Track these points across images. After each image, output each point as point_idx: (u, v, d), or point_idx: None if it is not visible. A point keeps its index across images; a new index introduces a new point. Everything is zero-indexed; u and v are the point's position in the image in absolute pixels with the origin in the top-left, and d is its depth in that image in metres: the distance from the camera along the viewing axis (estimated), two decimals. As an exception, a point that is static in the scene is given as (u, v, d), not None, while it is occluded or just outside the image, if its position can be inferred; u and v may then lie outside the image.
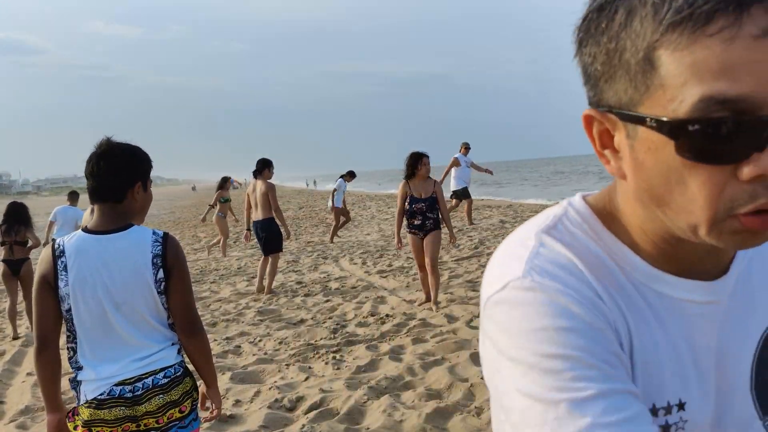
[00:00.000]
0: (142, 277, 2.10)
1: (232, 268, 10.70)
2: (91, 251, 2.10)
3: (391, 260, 9.95)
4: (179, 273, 2.17)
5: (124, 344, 2.13)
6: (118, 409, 2.07)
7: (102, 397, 2.07)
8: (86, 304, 2.09)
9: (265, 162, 8.20)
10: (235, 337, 6.08)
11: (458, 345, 5.18)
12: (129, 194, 2.16)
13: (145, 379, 2.10)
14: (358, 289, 7.89)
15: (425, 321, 6.09)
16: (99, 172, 2.13)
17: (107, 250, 2.11)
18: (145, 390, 2.10)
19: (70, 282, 2.08)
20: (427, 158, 6.54)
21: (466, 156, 14.07)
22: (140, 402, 2.09)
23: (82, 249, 2.10)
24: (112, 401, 2.07)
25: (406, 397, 4.18)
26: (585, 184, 37.18)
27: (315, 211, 23.65)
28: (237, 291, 8.56)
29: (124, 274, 2.10)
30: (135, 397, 2.09)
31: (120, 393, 2.08)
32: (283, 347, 5.61)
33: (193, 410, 2.23)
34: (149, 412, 2.10)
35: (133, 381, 2.10)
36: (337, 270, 9.59)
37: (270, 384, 4.64)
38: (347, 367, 4.90)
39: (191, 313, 2.20)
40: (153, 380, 2.11)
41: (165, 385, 2.13)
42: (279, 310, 7.16)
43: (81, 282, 2.08)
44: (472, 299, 6.75)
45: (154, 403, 2.10)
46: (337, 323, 6.28)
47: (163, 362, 2.15)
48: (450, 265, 9.02)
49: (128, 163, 2.15)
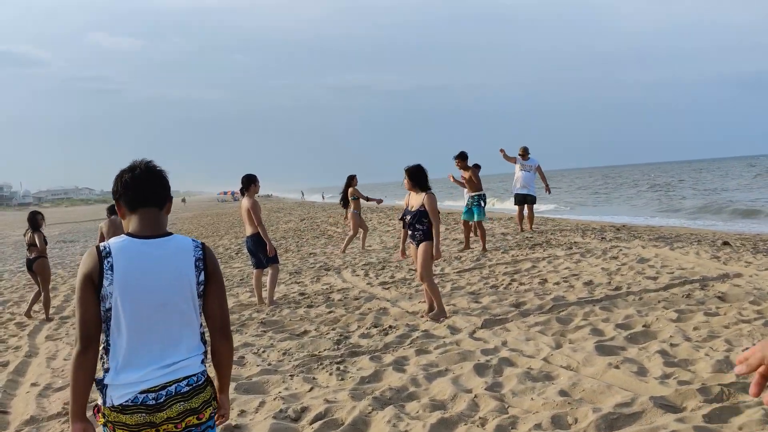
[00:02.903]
0: (186, 278, 2.23)
1: (235, 279, 10.72)
2: (138, 253, 2.20)
3: (393, 272, 9.98)
4: (218, 277, 2.32)
5: (156, 348, 2.20)
6: (139, 416, 2.15)
7: (126, 404, 2.14)
8: (129, 303, 2.17)
9: (249, 178, 8.22)
10: (238, 348, 6.09)
11: (461, 356, 5.20)
12: (167, 205, 2.34)
13: (168, 387, 2.17)
14: (361, 301, 7.91)
15: (428, 332, 6.11)
16: (148, 179, 2.28)
17: (153, 253, 2.22)
18: (167, 397, 2.16)
19: (115, 281, 2.15)
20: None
21: (525, 160, 13.95)
22: (162, 409, 2.15)
23: (129, 250, 2.20)
24: (135, 408, 2.15)
25: (410, 408, 4.20)
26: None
27: (316, 223, 23.67)
28: (240, 302, 8.58)
29: (169, 275, 2.21)
30: (158, 404, 2.15)
31: (143, 400, 2.15)
32: (287, 358, 5.62)
33: (211, 418, 2.29)
34: (169, 418, 2.16)
35: (158, 389, 2.16)
36: (339, 281, 9.60)
37: (274, 395, 4.65)
38: (351, 378, 4.91)
39: (227, 316, 2.37)
40: (176, 388, 2.18)
41: (187, 393, 2.20)
42: (282, 321, 7.17)
43: (126, 281, 2.16)
44: (475, 311, 6.77)
45: (175, 410, 2.17)
46: (340, 334, 6.30)
47: (187, 371, 2.22)
48: (452, 277, 9.05)
49: (167, 179, 2.35)
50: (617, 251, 10.23)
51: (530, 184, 13.98)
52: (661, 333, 5.42)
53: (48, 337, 7.36)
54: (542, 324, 6.01)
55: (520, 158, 14.02)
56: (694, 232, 14.39)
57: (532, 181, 14.01)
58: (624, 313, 6.17)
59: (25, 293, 10.98)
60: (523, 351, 5.24)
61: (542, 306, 6.71)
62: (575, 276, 8.33)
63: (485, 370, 4.80)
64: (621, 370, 4.52)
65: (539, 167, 14.12)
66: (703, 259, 9.05)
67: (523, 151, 14.09)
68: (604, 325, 5.79)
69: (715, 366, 4.44)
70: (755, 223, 18.32)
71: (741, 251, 9.83)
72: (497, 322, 6.22)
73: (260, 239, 8.12)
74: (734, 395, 3.94)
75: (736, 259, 8.85)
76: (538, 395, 4.21)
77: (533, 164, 14.01)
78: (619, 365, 4.61)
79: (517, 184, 14.04)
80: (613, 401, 3.97)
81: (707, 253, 9.61)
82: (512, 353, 5.18)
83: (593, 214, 24.51)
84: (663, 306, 6.31)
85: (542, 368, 4.76)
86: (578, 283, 7.79)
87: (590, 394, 4.14)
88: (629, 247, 10.70)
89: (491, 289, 7.98)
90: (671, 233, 13.50)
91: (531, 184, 13.99)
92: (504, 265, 9.68)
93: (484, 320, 6.26)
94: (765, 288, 6.78)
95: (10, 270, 15.33)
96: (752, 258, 8.88)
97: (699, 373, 4.38)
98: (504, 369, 4.81)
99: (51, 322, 8.37)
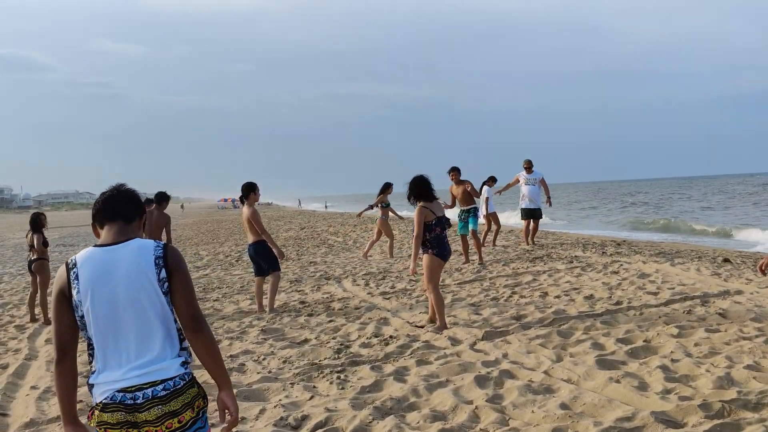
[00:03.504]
0: (145, 276, 2.30)
1: (235, 287, 10.72)
2: (99, 259, 2.33)
3: (394, 282, 9.98)
4: (181, 274, 2.36)
5: (130, 349, 2.29)
6: (119, 414, 2.24)
7: (106, 402, 2.26)
8: (96, 307, 2.28)
9: (249, 186, 8.22)
10: (239, 355, 6.09)
11: (462, 367, 5.20)
12: (137, 221, 2.47)
13: (145, 389, 2.24)
14: (362, 310, 7.91)
15: (429, 343, 6.11)
16: (115, 197, 2.47)
17: (113, 257, 2.33)
18: (144, 400, 2.23)
19: (81, 288, 2.27)
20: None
21: (529, 174, 13.75)
22: (140, 410, 2.23)
23: (91, 258, 2.34)
24: (114, 406, 2.25)
25: (411, 418, 4.20)
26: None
27: (317, 232, 23.68)
28: (240, 309, 8.57)
29: (130, 274, 2.30)
30: (135, 404, 2.23)
31: (121, 399, 2.24)
32: (288, 366, 5.62)
33: (199, 418, 2.33)
34: (148, 420, 2.23)
35: (134, 390, 2.25)
36: (339, 291, 9.60)
37: (275, 402, 4.65)
38: (352, 387, 4.91)
39: (193, 308, 2.37)
40: (152, 391, 2.24)
41: (164, 397, 2.25)
42: (283, 329, 7.17)
43: (90, 286, 2.28)
44: (476, 322, 6.77)
45: (153, 413, 2.23)
46: (340, 343, 6.30)
47: (163, 374, 2.28)
48: (453, 288, 9.05)
49: (136, 197, 2.52)
50: (618, 266, 10.24)
51: (536, 198, 13.79)
52: (661, 348, 5.42)
53: (48, 341, 7.35)
54: (543, 337, 6.01)
55: (524, 172, 13.84)
56: (695, 248, 14.40)
57: (538, 195, 13.82)
58: (625, 327, 6.17)
59: (25, 296, 10.96)
60: (524, 363, 5.24)
61: (543, 319, 6.71)
62: (576, 290, 8.33)
63: (486, 382, 4.80)
64: (622, 385, 4.52)
65: (543, 180, 13.94)
66: (703, 275, 9.06)
67: (527, 164, 13.90)
68: (604, 340, 5.79)
69: (716, 382, 4.44)
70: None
71: (741, 268, 9.83)
72: (498, 334, 6.22)
73: (262, 247, 8.15)
74: (735, 412, 3.94)
75: (737, 276, 8.85)
76: (539, 408, 4.21)
77: (538, 177, 13.84)
78: (620, 379, 4.61)
79: (524, 198, 13.82)
80: (614, 415, 3.97)
81: (708, 269, 9.62)
82: (513, 365, 5.18)
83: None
84: (664, 321, 6.32)
85: (543, 381, 4.76)
86: (579, 297, 7.79)
87: (591, 408, 4.14)
88: (630, 262, 10.71)
89: (492, 301, 7.98)
90: (672, 249, 13.51)
91: (537, 198, 13.80)
92: (505, 278, 9.68)
93: (485, 332, 6.26)
94: (766, 306, 6.79)
95: (9, 273, 15.33)
96: (753, 275, 8.88)
97: (700, 389, 4.38)
98: (505, 381, 4.81)
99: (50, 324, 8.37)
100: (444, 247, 6.68)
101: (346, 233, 22.42)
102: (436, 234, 6.60)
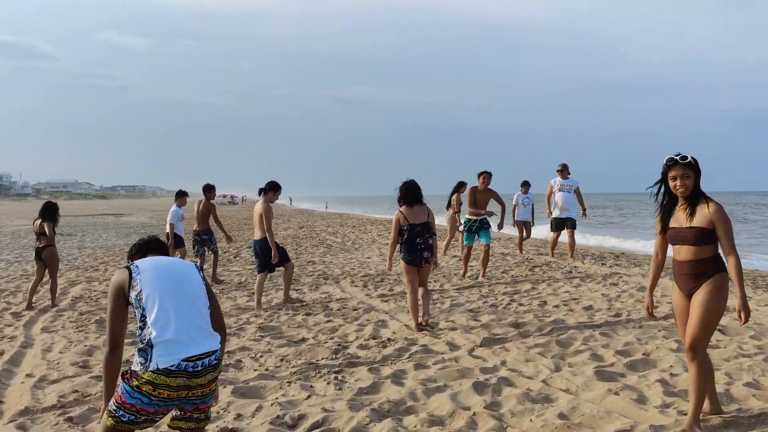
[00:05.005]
0: (195, 274, 3.17)
1: (233, 283, 10.69)
2: (158, 262, 3.13)
3: (392, 285, 9.95)
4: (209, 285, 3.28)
5: (192, 324, 2.96)
6: (181, 379, 2.85)
7: (172, 369, 2.82)
8: (163, 285, 2.99)
9: (272, 185, 8.44)
10: (236, 351, 6.06)
11: (460, 373, 5.18)
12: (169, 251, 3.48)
13: (204, 359, 2.90)
14: (360, 312, 7.88)
15: (427, 347, 6.09)
16: (152, 246, 3.39)
17: (166, 262, 3.17)
18: (203, 367, 2.89)
19: (146, 278, 2.99)
20: None
21: (564, 179, 12.50)
22: (198, 376, 2.88)
23: (151, 262, 3.13)
24: (178, 372, 2.83)
25: (408, 422, 4.17)
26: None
27: (315, 232, 23.65)
28: (238, 306, 8.55)
29: (183, 271, 3.13)
30: (195, 372, 2.87)
31: (185, 367, 2.84)
32: (285, 364, 5.59)
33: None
34: (201, 385, 2.90)
35: (195, 359, 2.87)
36: (338, 291, 9.58)
37: (271, 400, 4.62)
38: (349, 389, 4.88)
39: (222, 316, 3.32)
40: (209, 360, 2.92)
41: (215, 365, 2.97)
42: (280, 327, 7.15)
43: (156, 273, 3.03)
44: (474, 328, 6.75)
45: (207, 378, 2.92)
46: (338, 344, 6.27)
47: (215, 346, 3.00)
48: (451, 294, 9.03)
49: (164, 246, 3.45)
50: (617, 278, 10.22)
51: (570, 206, 12.50)
52: (660, 362, 5.40)
53: (44, 329, 7.32)
54: (542, 346, 5.99)
55: (558, 177, 12.56)
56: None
57: (572, 204, 12.52)
58: (624, 339, 6.15)
59: (22, 283, 10.94)
60: (523, 372, 5.22)
61: (542, 328, 6.70)
62: (575, 300, 8.32)
63: (484, 389, 4.78)
64: (621, 397, 4.50)
65: (578, 189, 12.61)
66: (702, 291, 9.04)
67: (562, 167, 12.59)
68: (603, 351, 5.77)
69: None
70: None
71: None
72: (496, 342, 6.21)
73: (267, 244, 8.20)
74: (734, 428, 3.92)
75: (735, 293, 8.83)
76: (537, 417, 4.19)
77: (573, 184, 12.55)
78: (618, 392, 4.59)
79: (556, 207, 12.54)
80: (612, 427, 3.96)
81: (707, 285, 9.60)
82: (511, 373, 5.16)
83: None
84: (663, 335, 6.30)
85: (541, 390, 4.74)
86: (578, 308, 7.78)
87: (589, 419, 4.12)
88: (629, 274, 10.70)
89: (490, 308, 7.96)
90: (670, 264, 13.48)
91: (571, 206, 12.51)
92: (504, 285, 9.67)
93: (484, 338, 6.24)
94: (765, 323, 6.78)
95: (6, 260, 15.28)
96: (752, 293, 8.88)
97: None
98: (503, 388, 4.79)
99: (54, 309, 8.55)
100: (412, 252, 6.88)
101: (344, 234, 22.41)
102: (405, 239, 6.87)
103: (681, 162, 3.83)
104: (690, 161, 3.82)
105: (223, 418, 4.28)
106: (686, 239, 3.86)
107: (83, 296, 9.58)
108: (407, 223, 6.86)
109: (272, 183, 8.50)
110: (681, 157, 3.83)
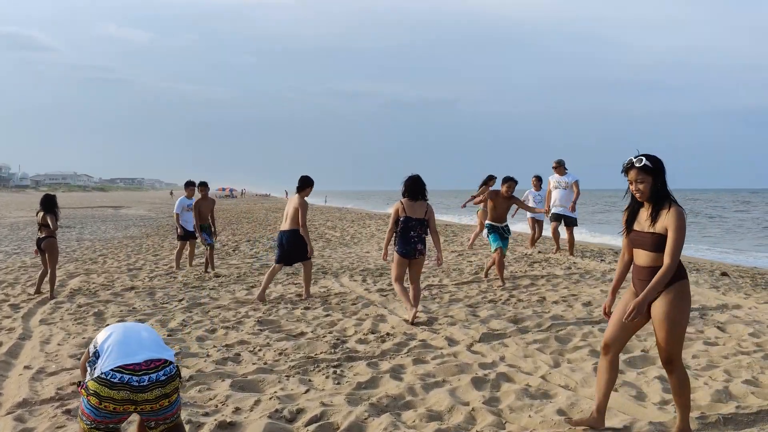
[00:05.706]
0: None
1: (232, 276, 10.68)
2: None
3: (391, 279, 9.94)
4: None
5: (142, 338, 3.14)
6: (124, 392, 2.92)
7: (114, 381, 2.90)
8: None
9: (308, 180, 8.61)
10: (234, 345, 6.06)
11: (459, 368, 5.18)
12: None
13: (151, 373, 2.96)
14: (358, 306, 7.88)
15: (426, 342, 6.08)
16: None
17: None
18: (150, 382, 2.94)
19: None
20: None
21: (561, 175, 12.44)
22: (144, 390, 2.92)
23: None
24: (121, 385, 2.90)
25: (406, 417, 4.17)
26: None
27: (314, 226, 23.63)
28: (236, 299, 8.54)
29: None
30: (141, 386, 2.95)
31: (128, 380, 2.92)
32: (283, 358, 5.58)
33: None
34: (148, 400, 2.96)
35: (141, 373, 2.94)
36: (337, 285, 9.57)
37: (270, 394, 4.61)
38: (348, 383, 4.88)
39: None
40: (156, 376, 2.96)
41: (164, 382, 2.99)
42: (279, 321, 7.14)
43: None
44: (473, 323, 6.75)
45: (154, 393, 2.95)
46: (337, 338, 6.27)
47: (167, 357, 3.06)
48: (450, 289, 9.03)
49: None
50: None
51: (567, 203, 12.35)
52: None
53: (42, 321, 7.30)
54: (541, 342, 5.99)
55: (555, 174, 12.49)
56: (692, 261, 14.39)
57: (568, 200, 12.35)
58: (623, 336, 6.14)
59: (20, 275, 10.92)
60: (521, 367, 5.22)
61: (541, 324, 6.69)
62: (574, 296, 8.32)
63: (483, 384, 4.77)
64: (619, 394, 4.50)
65: (576, 183, 12.38)
66: (702, 288, 9.05)
67: (557, 164, 12.51)
68: (602, 347, 5.76)
69: (714, 396, 4.42)
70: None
71: (740, 282, 9.83)
72: (495, 337, 6.20)
73: (295, 236, 8.42)
74: (732, 425, 3.92)
75: (735, 291, 8.85)
76: (536, 413, 4.19)
77: (570, 180, 12.39)
78: (617, 388, 4.59)
79: (555, 204, 12.49)
80: (611, 424, 3.95)
81: (706, 282, 9.62)
82: (510, 369, 5.16)
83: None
84: (662, 332, 6.29)
85: (540, 386, 4.74)
86: (577, 304, 7.77)
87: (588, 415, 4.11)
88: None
89: (489, 303, 7.96)
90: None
91: (568, 203, 12.35)
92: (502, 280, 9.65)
93: (482, 334, 6.24)
94: (764, 321, 6.78)
95: (5, 251, 15.26)
96: (751, 290, 8.89)
97: (697, 401, 4.36)
98: (502, 384, 4.79)
99: (52, 300, 8.54)
100: (406, 245, 7.06)
101: (343, 228, 22.40)
102: (400, 230, 7.08)
103: (636, 166, 3.59)
104: (645, 165, 3.56)
105: (222, 412, 4.27)
106: (645, 244, 3.65)
107: (82, 288, 9.57)
108: (404, 215, 7.05)
109: (308, 179, 8.62)
110: (637, 159, 3.58)
